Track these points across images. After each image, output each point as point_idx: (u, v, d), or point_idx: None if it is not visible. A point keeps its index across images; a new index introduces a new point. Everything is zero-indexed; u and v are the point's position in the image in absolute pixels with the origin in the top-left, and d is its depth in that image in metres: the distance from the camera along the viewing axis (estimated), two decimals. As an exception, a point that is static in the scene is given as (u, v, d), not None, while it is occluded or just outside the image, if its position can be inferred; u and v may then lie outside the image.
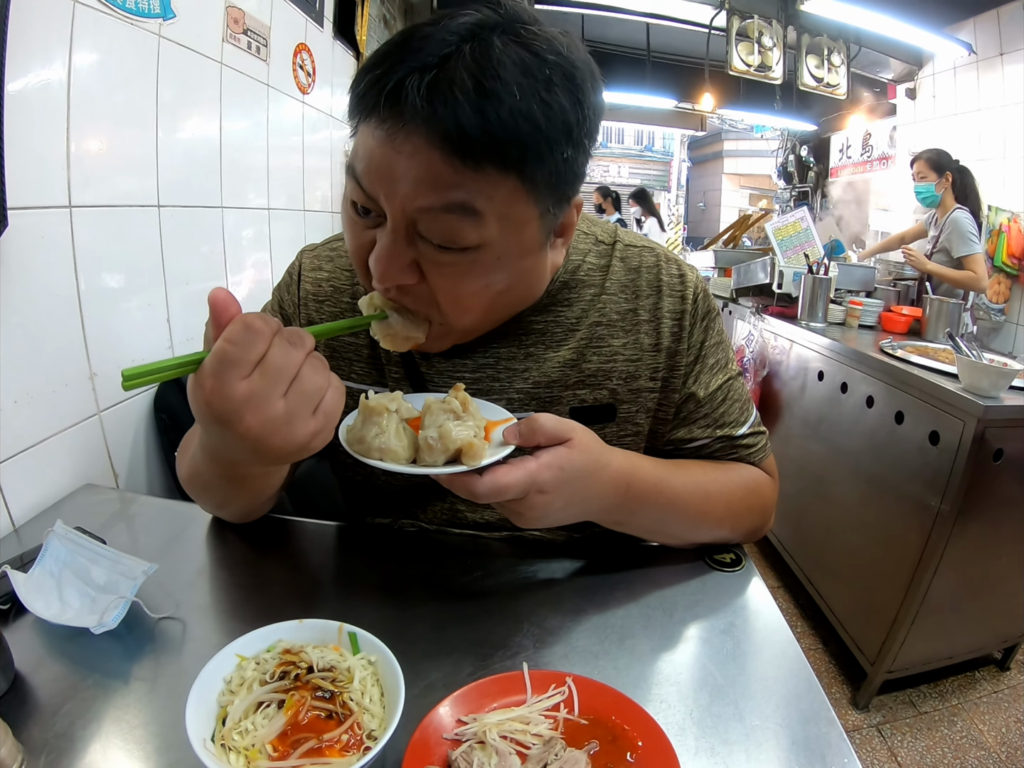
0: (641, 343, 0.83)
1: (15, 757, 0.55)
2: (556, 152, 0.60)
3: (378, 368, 0.86)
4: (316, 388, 0.55)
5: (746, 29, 4.50)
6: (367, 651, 0.61)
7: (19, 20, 0.95)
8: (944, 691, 2.04)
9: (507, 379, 0.82)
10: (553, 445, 0.66)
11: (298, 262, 0.91)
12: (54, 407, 1.13)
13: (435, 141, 0.56)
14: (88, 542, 0.83)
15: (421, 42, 0.57)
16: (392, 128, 0.57)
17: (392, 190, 0.60)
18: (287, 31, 2.00)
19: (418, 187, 0.58)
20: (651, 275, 0.84)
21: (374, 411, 0.63)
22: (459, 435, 0.61)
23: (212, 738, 0.53)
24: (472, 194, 0.59)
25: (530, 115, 0.56)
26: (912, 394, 1.81)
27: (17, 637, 0.72)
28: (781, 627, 0.74)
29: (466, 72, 0.55)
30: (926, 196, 3.27)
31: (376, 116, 0.58)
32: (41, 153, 1.08)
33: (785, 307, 2.79)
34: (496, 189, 0.59)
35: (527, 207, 0.62)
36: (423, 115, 0.55)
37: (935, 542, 1.69)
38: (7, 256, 0.99)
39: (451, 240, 0.61)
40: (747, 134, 10.36)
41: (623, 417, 0.84)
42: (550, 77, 0.58)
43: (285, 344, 0.54)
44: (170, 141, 1.42)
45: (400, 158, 0.58)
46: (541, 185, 0.61)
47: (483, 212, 0.60)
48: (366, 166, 0.61)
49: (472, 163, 0.57)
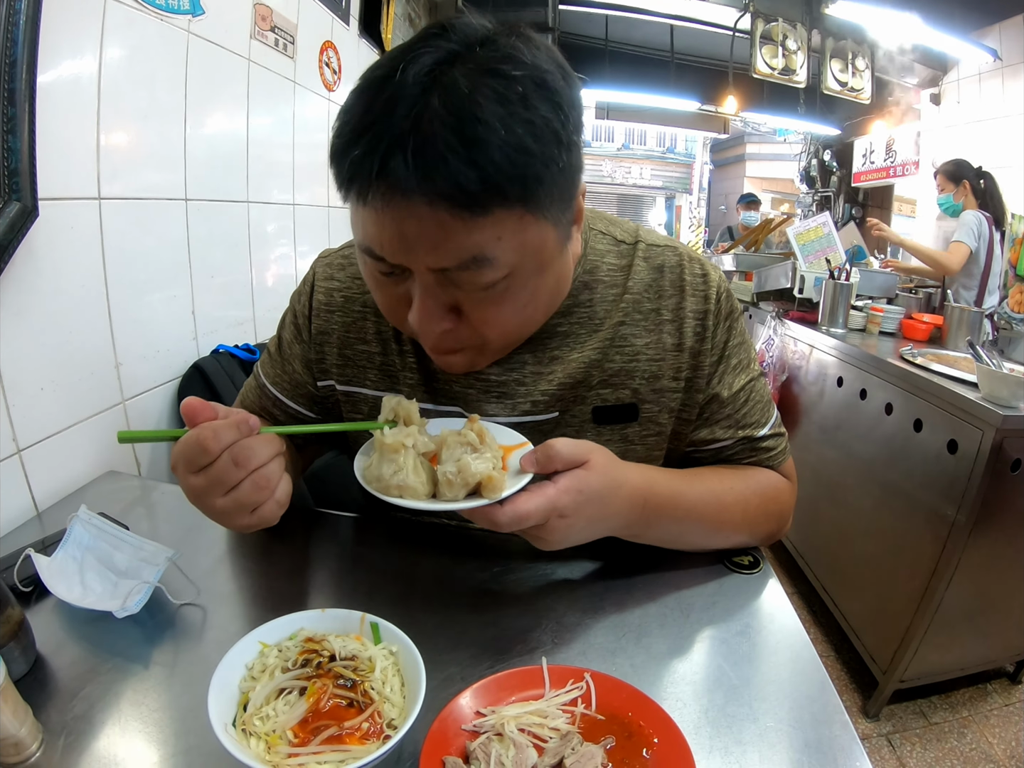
0: (664, 343, 0.82)
1: (35, 737, 0.57)
2: (552, 166, 0.59)
3: (391, 375, 0.86)
4: (252, 500, 0.62)
5: (770, 32, 4.47)
6: (389, 641, 0.62)
7: (51, 16, 0.98)
8: (955, 703, 2.02)
9: (532, 383, 0.82)
10: (570, 468, 0.67)
11: (312, 272, 0.91)
12: (79, 395, 1.15)
13: (438, 204, 0.56)
14: (111, 527, 0.85)
15: (387, 104, 0.56)
16: (393, 203, 0.57)
17: (414, 256, 0.61)
18: (314, 29, 2.02)
19: (435, 250, 0.59)
20: (674, 275, 0.83)
21: (391, 448, 0.63)
22: (478, 469, 0.62)
23: (233, 723, 0.54)
24: (482, 244, 0.59)
25: (520, 145, 0.56)
26: (931, 402, 1.79)
27: (39, 619, 0.74)
28: (797, 630, 0.74)
29: (446, 128, 0.54)
30: (948, 207, 3.32)
31: (372, 197, 0.58)
32: (71, 145, 1.11)
33: (806, 312, 2.77)
34: (505, 227, 0.59)
35: (540, 227, 0.62)
36: (420, 186, 0.55)
37: (950, 552, 1.67)
38: (37, 246, 1.02)
39: (478, 285, 0.63)
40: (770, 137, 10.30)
41: (646, 417, 0.84)
42: (524, 94, 0.57)
43: (229, 463, 0.60)
44: (197, 136, 1.44)
45: (410, 227, 0.58)
46: (547, 202, 0.61)
47: (497, 256, 0.60)
48: (380, 243, 0.61)
49: (480, 211, 0.57)
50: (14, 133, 0.93)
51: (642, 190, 15.23)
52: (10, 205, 0.93)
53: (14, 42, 0.90)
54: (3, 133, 0.91)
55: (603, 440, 0.80)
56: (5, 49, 0.90)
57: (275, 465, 0.64)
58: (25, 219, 0.96)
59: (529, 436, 0.78)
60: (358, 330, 0.86)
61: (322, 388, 0.90)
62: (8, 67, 0.90)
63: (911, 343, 2.35)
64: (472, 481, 0.62)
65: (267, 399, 0.94)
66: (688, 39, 5.43)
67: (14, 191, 0.94)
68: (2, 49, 0.89)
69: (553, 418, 0.83)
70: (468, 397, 0.83)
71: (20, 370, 1.01)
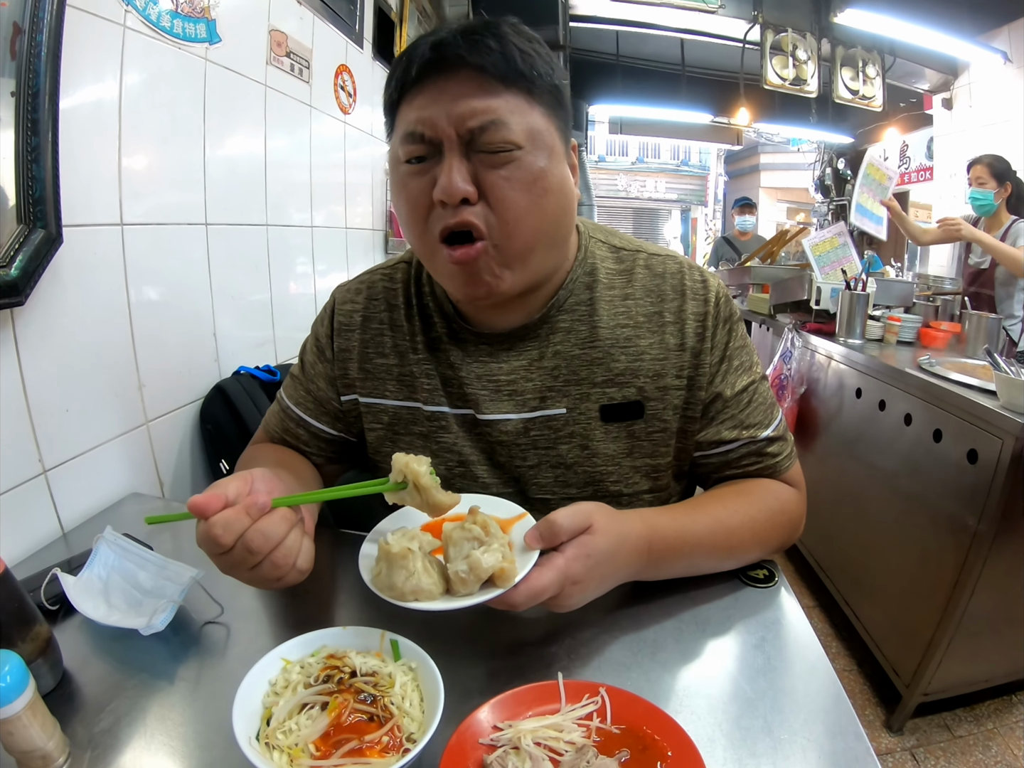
0: (667, 343, 0.87)
1: (62, 750, 0.59)
2: (547, 77, 0.77)
3: (408, 384, 0.91)
4: (273, 576, 0.64)
5: (780, 43, 4.48)
6: (408, 658, 0.63)
7: (72, 47, 1.01)
8: (980, 715, 1.98)
9: (538, 378, 0.87)
10: (575, 536, 0.69)
11: (332, 299, 0.99)
12: (104, 417, 1.18)
13: (474, 73, 0.73)
14: (136, 548, 0.87)
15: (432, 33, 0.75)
16: (442, 71, 0.74)
17: (450, 119, 0.73)
18: (328, 53, 2.07)
19: (469, 108, 0.73)
20: (675, 280, 0.89)
21: (398, 556, 0.64)
22: (489, 563, 0.62)
23: (257, 737, 0.55)
24: (501, 111, 0.73)
25: (527, 51, 0.75)
26: (950, 411, 1.78)
27: (66, 636, 0.76)
28: (812, 642, 0.74)
29: (484, 30, 0.74)
30: (983, 204, 3.08)
31: (420, 79, 0.74)
32: (94, 173, 1.14)
33: (823, 323, 2.75)
34: (516, 106, 0.74)
35: (541, 117, 0.77)
36: (465, 54, 0.72)
37: (972, 562, 1.65)
38: (61, 271, 1.05)
39: (497, 145, 0.74)
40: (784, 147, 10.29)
41: (651, 414, 0.87)
42: (530, 36, 0.78)
43: (244, 551, 0.62)
44: (216, 160, 1.48)
45: (452, 88, 0.73)
46: (545, 98, 0.77)
47: (510, 123, 0.74)
48: (419, 116, 0.74)
49: (500, 85, 0.73)
50: (38, 162, 0.96)
51: (657, 203, 15.23)
52: (35, 232, 0.96)
53: (36, 73, 0.94)
54: (27, 162, 0.95)
55: (610, 437, 0.86)
56: (28, 81, 0.93)
57: (292, 540, 0.65)
58: (50, 246, 0.99)
59: (540, 433, 0.86)
60: (376, 345, 0.93)
61: (345, 403, 0.95)
62: (31, 98, 0.94)
63: (929, 352, 2.33)
64: (485, 576, 0.63)
65: (290, 420, 0.98)
66: (698, 52, 5.45)
67: (39, 219, 0.97)
68: (25, 81, 0.93)
69: (561, 415, 0.87)
70: (481, 397, 0.88)
71: (46, 392, 1.04)
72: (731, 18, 4.54)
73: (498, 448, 0.89)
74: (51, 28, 0.95)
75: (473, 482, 0.91)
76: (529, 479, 0.89)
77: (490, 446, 0.90)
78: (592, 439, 0.87)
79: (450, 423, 0.90)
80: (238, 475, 0.68)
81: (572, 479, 0.88)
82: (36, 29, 0.93)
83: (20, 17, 0.91)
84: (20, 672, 0.55)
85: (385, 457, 0.86)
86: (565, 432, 0.87)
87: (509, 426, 0.88)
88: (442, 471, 0.89)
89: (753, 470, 0.91)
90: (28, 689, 0.55)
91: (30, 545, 1.01)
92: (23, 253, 0.94)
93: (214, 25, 1.43)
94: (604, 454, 0.87)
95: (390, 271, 0.97)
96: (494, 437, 0.89)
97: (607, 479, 0.88)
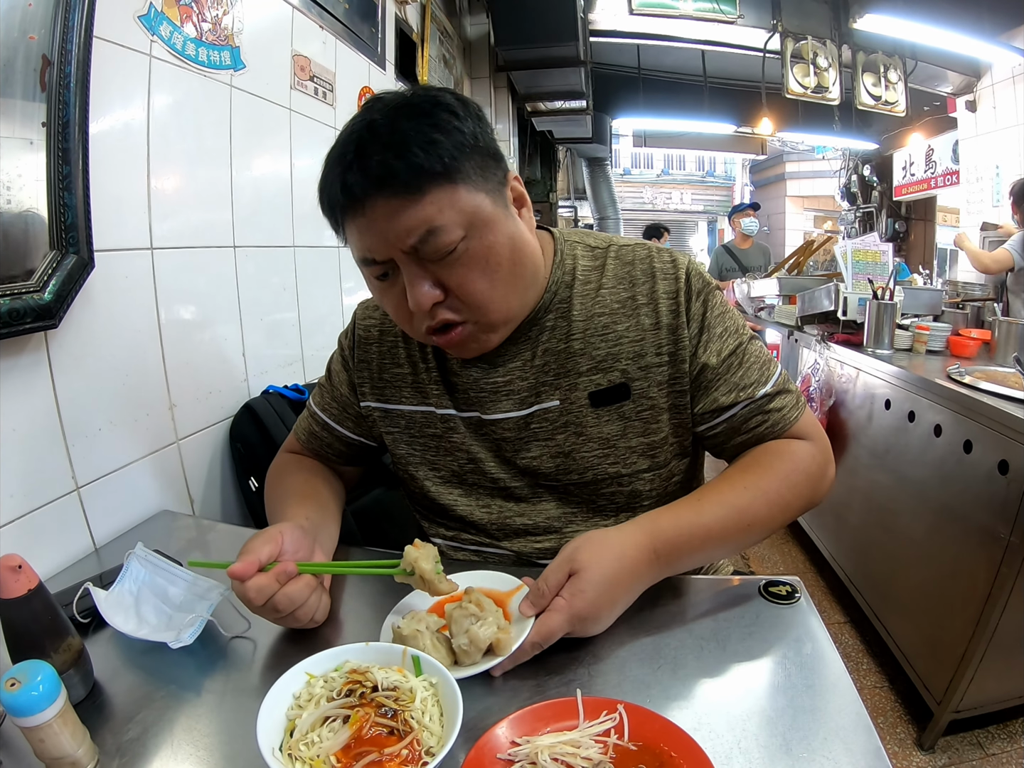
0: (642, 324, 0.91)
1: (91, 758, 0.61)
2: (462, 149, 0.76)
3: (421, 391, 0.99)
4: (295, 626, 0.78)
5: (800, 51, 4.47)
6: (429, 673, 0.65)
7: (100, 77, 1.05)
8: (1013, 732, 1.92)
9: (533, 376, 0.93)
10: (565, 582, 0.75)
11: (354, 315, 1.08)
12: (135, 435, 1.21)
13: (387, 196, 0.74)
14: (167, 564, 0.89)
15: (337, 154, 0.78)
16: (359, 210, 0.76)
17: (389, 245, 0.77)
18: (351, 76, 2.10)
19: (399, 232, 0.75)
20: (644, 265, 0.93)
21: (409, 638, 0.71)
22: (486, 635, 0.70)
23: (280, 748, 0.57)
24: (430, 218, 0.75)
25: (429, 138, 0.74)
26: (980, 422, 1.75)
27: (97, 649, 0.78)
28: (834, 660, 0.73)
29: (375, 143, 0.74)
30: None
31: (347, 215, 0.78)
32: (124, 199, 1.18)
33: (851, 334, 2.70)
34: (442, 200, 0.75)
35: (471, 195, 0.77)
36: (370, 187, 0.74)
37: (1005, 575, 1.61)
38: (93, 294, 1.08)
39: (442, 251, 0.77)
40: (809, 155, 10.22)
41: (637, 393, 0.91)
42: (425, 110, 0.76)
43: (272, 610, 0.74)
44: (243, 185, 1.52)
45: (378, 222, 0.76)
46: (467, 174, 0.77)
47: (444, 224, 0.75)
48: (365, 248, 0.79)
49: (417, 192, 0.74)
50: (69, 190, 0.99)
51: (684, 215, 15.21)
52: (68, 258, 1.00)
53: (66, 104, 0.97)
54: (59, 190, 0.98)
55: (602, 421, 0.91)
56: (58, 111, 0.96)
57: (312, 601, 0.77)
58: (82, 270, 1.02)
59: (538, 426, 0.93)
60: (392, 356, 1.01)
61: (364, 408, 1.04)
62: (61, 127, 0.97)
63: (959, 361, 2.29)
64: (484, 646, 0.70)
65: (316, 424, 1.09)
66: (720, 62, 5.46)
67: (71, 244, 1.00)
68: (55, 111, 0.96)
69: (555, 406, 0.92)
70: (483, 400, 0.94)
71: (79, 412, 1.08)
72: (750, 28, 4.55)
73: (503, 444, 0.95)
74: (79, 60, 0.98)
75: (483, 476, 0.97)
76: (534, 469, 0.95)
77: (496, 443, 0.96)
78: (586, 425, 0.91)
79: (458, 425, 0.97)
80: (269, 537, 0.77)
81: (573, 466, 0.93)
82: (65, 61, 0.96)
83: (49, 50, 0.94)
84: (52, 682, 0.57)
85: (403, 457, 1.01)
86: (560, 422, 0.92)
87: (510, 423, 0.94)
88: (454, 468, 0.98)
89: (763, 430, 0.92)
90: (60, 698, 0.57)
91: (63, 560, 1.04)
92: (56, 278, 0.97)
93: (238, 52, 1.47)
94: (599, 438, 0.92)
95: None
96: (498, 435, 0.95)
97: (605, 462, 0.92)
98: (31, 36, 0.92)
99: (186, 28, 1.30)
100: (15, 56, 0.90)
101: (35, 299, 0.95)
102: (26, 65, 0.92)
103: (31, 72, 0.93)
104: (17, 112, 0.92)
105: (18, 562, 0.65)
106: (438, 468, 0.99)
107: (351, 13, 2.07)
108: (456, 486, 0.99)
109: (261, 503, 1.05)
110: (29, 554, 0.67)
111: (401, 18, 2.54)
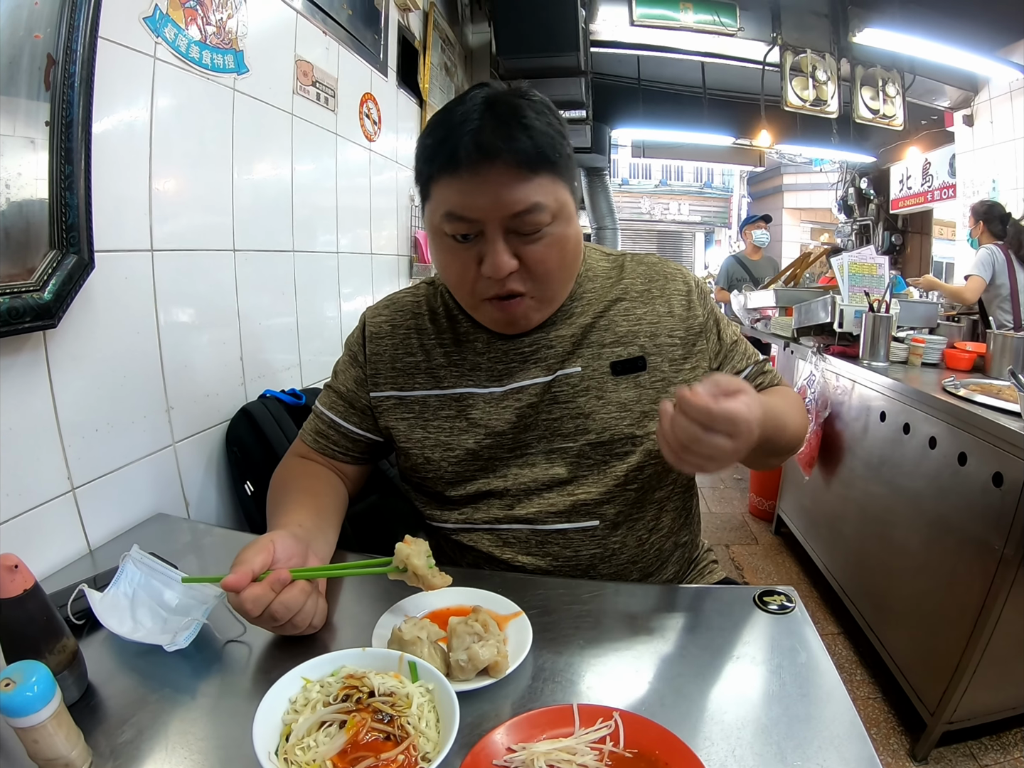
0: (658, 311, 1.06)
1: (85, 760, 0.60)
2: (563, 150, 0.90)
3: (435, 376, 1.05)
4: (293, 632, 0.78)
5: (800, 64, 4.50)
6: (425, 679, 0.65)
7: (104, 78, 1.04)
8: (1007, 743, 1.92)
9: (558, 344, 1.02)
10: None
11: (362, 318, 1.13)
12: (132, 437, 1.20)
13: (511, 164, 0.84)
14: (162, 567, 0.88)
15: (463, 115, 0.86)
16: (482, 166, 0.84)
17: (492, 209, 0.86)
18: (353, 82, 2.11)
19: (511, 198, 0.85)
20: (656, 268, 1.10)
21: (408, 643, 0.72)
22: (485, 656, 0.71)
23: (276, 752, 0.57)
24: (537, 194, 0.87)
25: (548, 132, 0.87)
26: (975, 434, 1.75)
27: (91, 651, 0.78)
28: (828, 670, 0.73)
29: (512, 118, 0.85)
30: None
31: (464, 166, 0.84)
32: (125, 200, 1.18)
33: (847, 346, 2.71)
34: (547, 185, 0.88)
35: (564, 191, 0.91)
36: (502, 148, 0.83)
37: (998, 587, 1.62)
38: (93, 295, 1.08)
39: (535, 227, 0.88)
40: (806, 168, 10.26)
41: (652, 366, 1.03)
42: (541, 109, 0.89)
43: (269, 618, 0.74)
44: (244, 189, 1.52)
45: (493, 180, 0.85)
46: (564, 172, 0.91)
47: (546, 204, 0.88)
48: (463, 202, 0.87)
49: (534, 171, 0.86)
50: (71, 190, 0.99)
51: (681, 226, 15.27)
52: (68, 258, 0.99)
53: (69, 103, 0.97)
54: (60, 190, 0.97)
55: (620, 388, 1.01)
56: (61, 110, 0.96)
57: (308, 607, 0.78)
58: (82, 271, 1.02)
59: (559, 390, 1.00)
60: (406, 347, 1.08)
61: (373, 399, 1.08)
62: (64, 127, 0.97)
63: (954, 373, 2.30)
64: (481, 667, 0.71)
65: (322, 423, 1.12)
66: (719, 74, 5.49)
67: (71, 244, 1.00)
68: (59, 110, 0.96)
69: (577, 372, 1.01)
70: (513, 370, 1.02)
71: (76, 412, 1.07)
72: (750, 40, 4.58)
73: (527, 411, 1.01)
74: (84, 59, 0.98)
75: (500, 449, 1.02)
76: (554, 431, 1.01)
77: (518, 412, 1.01)
78: (605, 390, 1.01)
79: (476, 401, 1.03)
80: (261, 547, 0.78)
81: (591, 426, 1.00)
82: (69, 60, 0.96)
83: (54, 48, 0.94)
84: (47, 682, 0.56)
85: (419, 441, 1.04)
86: (582, 387, 1.01)
87: (536, 388, 1.01)
88: (469, 445, 1.02)
89: (764, 387, 1.13)
90: (54, 699, 0.57)
91: (58, 561, 1.04)
92: (56, 277, 0.97)
93: (242, 56, 1.47)
94: (617, 402, 1.01)
95: (412, 289, 1.15)
96: (523, 401, 1.01)
97: (621, 423, 1.00)
98: (36, 35, 0.92)
99: (190, 31, 1.30)
100: (20, 54, 0.90)
101: (35, 298, 0.94)
102: (31, 63, 0.92)
103: (36, 71, 0.93)
104: (20, 110, 0.92)
105: (14, 562, 0.65)
106: (452, 448, 1.02)
107: (354, 19, 2.08)
108: (472, 462, 1.03)
109: (256, 507, 1.05)
110: (23, 554, 0.66)
111: (404, 25, 2.55)
